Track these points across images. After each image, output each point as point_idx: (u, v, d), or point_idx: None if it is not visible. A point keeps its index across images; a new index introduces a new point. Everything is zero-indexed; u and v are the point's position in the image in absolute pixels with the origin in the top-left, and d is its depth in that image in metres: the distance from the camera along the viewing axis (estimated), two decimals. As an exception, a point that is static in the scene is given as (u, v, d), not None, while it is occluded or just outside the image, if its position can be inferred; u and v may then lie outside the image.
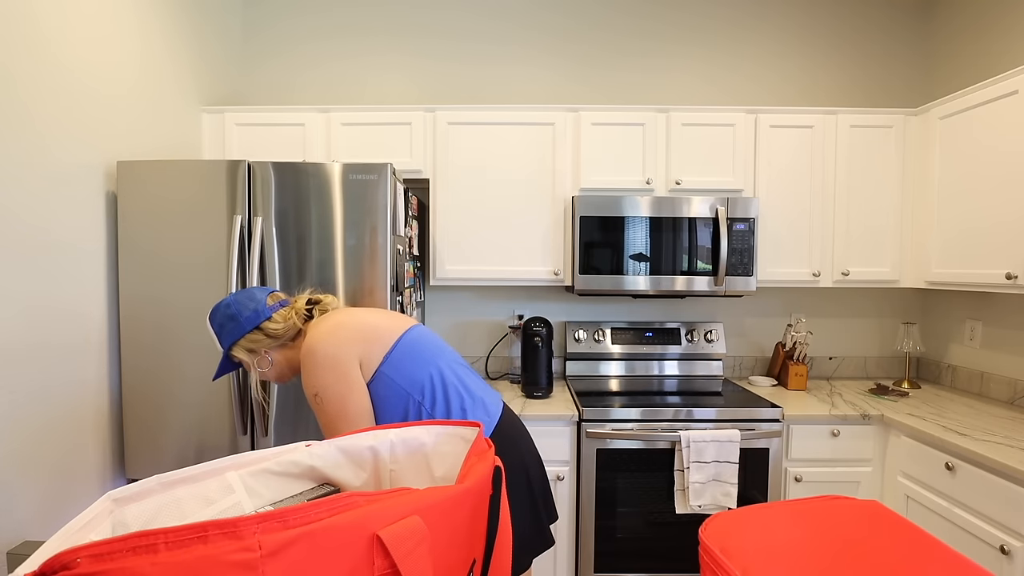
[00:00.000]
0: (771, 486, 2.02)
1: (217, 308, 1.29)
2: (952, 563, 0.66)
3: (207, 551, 0.40)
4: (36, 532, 1.52)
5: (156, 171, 1.78)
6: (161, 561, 0.39)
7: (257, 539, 0.41)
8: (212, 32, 2.40)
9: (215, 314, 1.29)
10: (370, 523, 0.48)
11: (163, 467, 1.81)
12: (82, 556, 0.38)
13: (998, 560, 1.55)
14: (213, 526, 0.41)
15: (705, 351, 2.55)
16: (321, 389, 1.18)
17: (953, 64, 2.52)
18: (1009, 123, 1.89)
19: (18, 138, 1.46)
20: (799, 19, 2.67)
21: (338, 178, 1.78)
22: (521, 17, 2.66)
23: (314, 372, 1.18)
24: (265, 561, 0.41)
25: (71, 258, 1.64)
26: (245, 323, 1.27)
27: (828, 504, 0.83)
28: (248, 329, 1.27)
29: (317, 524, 0.45)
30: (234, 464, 0.61)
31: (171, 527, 0.40)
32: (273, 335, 1.29)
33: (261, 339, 1.28)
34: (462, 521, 0.59)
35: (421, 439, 0.74)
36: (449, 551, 0.56)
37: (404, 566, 0.48)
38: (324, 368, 1.18)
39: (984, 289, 2.00)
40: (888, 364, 2.70)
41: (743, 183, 2.33)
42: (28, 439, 1.50)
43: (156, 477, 0.55)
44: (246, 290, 1.33)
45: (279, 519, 0.43)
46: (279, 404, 1.81)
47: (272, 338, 1.29)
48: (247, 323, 1.27)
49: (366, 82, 2.66)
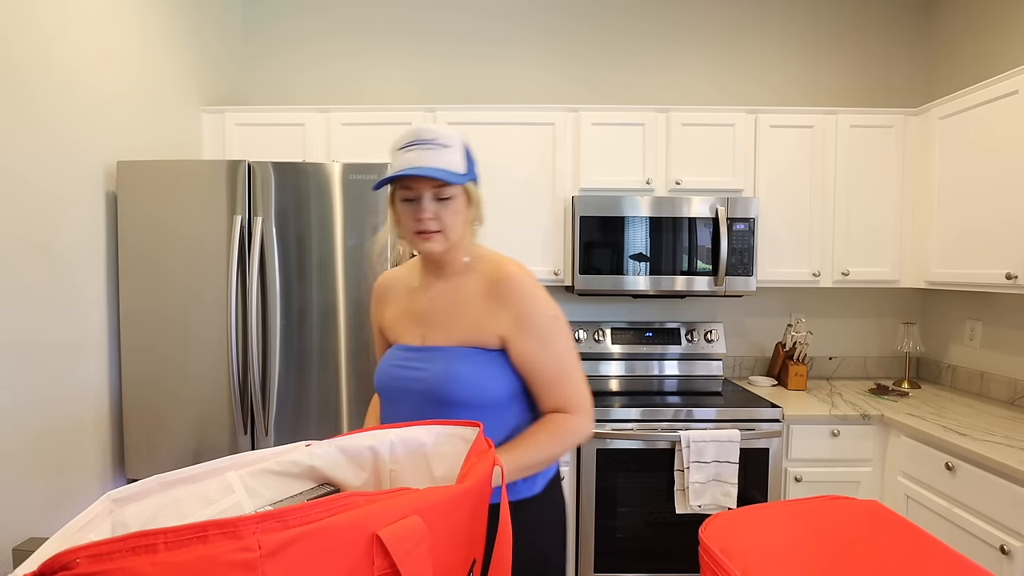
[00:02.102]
0: (771, 486, 2.02)
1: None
2: (952, 563, 0.66)
3: (207, 551, 0.40)
4: (39, 530, 1.52)
5: (156, 171, 1.78)
6: (161, 561, 0.39)
7: (257, 539, 0.41)
8: (212, 32, 2.40)
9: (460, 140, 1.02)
10: (370, 523, 0.48)
11: (163, 467, 1.81)
12: (81, 556, 0.38)
13: (998, 560, 1.55)
14: (213, 526, 0.41)
15: (705, 351, 2.55)
16: (557, 313, 1.03)
17: (953, 64, 2.52)
18: (1009, 123, 1.89)
19: (18, 138, 1.46)
20: (799, 19, 2.67)
21: (338, 178, 1.78)
22: (521, 18, 2.66)
23: (544, 298, 1.02)
24: (265, 561, 0.41)
25: (71, 258, 1.64)
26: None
27: (828, 504, 0.83)
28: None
29: (317, 524, 0.45)
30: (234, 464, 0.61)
31: (171, 527, 0.40)
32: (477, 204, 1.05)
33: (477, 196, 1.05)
34: (462, 521, 0.59)
35: (421, 439, 0.74)
36: (449, 551, 0.56)
37: (404, 566, 0.48)
38: (550, 302, 1.03)
39: (984, 289, 2.00)
40: (888, 364, 2.70)
41: (743, 183, 2.33)
42: (29, 438, 1.50)
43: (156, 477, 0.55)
44: None
45: (279, 519, 0.43)
46: (279, 404, 1.81)
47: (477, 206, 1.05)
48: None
49: (366, 82, 2.66)
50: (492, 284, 1.03)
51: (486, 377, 1.00)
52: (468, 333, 1.02)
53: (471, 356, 1.00)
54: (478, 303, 1.03)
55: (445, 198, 0.99)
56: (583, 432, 1.02)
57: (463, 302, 1.04)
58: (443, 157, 0.97)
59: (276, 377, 1.80)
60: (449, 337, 1.03)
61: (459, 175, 0.98)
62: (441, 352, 1.01)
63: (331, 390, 1.81)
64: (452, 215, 1.00)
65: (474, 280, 1.05)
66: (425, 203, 0.98)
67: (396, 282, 1.17)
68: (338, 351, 1.80)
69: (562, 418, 1.01)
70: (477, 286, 1.04)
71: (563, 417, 1.01)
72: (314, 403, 1.81)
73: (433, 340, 1.04)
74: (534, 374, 1.01)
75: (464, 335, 1.02)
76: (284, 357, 1.80)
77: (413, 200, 0.99)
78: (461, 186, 1.00)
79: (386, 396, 1.06)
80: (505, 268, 1.03)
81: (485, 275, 1.04)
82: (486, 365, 1.00)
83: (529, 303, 1.00)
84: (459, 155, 0.99)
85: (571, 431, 1.00)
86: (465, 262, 1.07)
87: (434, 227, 0.99)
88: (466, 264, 1.07)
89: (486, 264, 1.06)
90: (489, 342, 1.01)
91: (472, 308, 1.03)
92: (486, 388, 0.99)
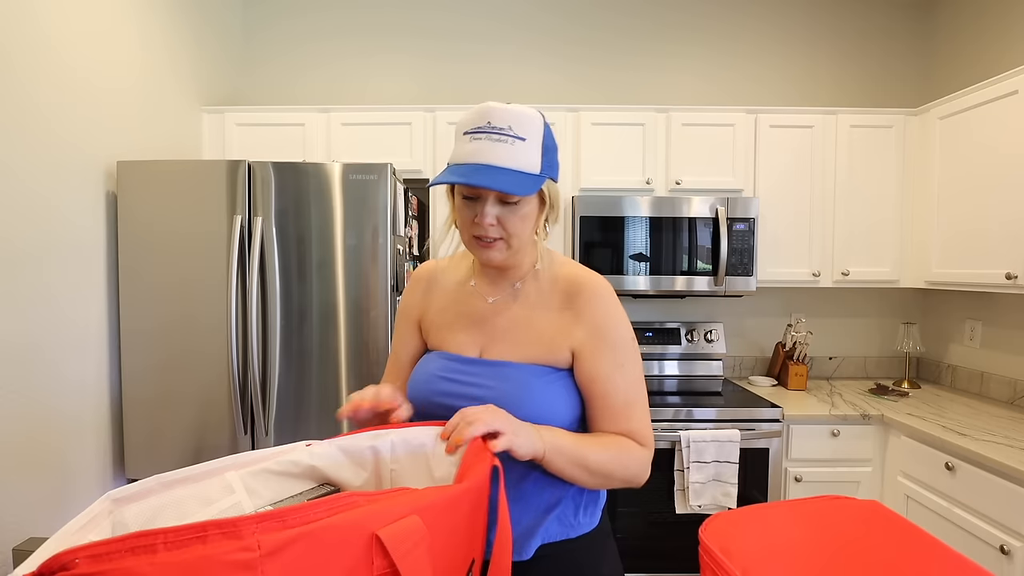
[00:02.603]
0: (771, 486, 2.02)
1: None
2: (952, 563, 0.66)
3: (206, 551, 0.40)
4: (39, 530, 1.52)
5: (156, 171, 1.78)
6: (160, 561, 0.39)
7: (256, 539, 0.41)
8: (212, 32, 2.40)
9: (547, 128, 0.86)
10: (369, 523, 0.48)
11: (163, 467, 1.81)
12: (80, 557, 0.38)
13: (998, 560, 1.55)
14: (212, 526, 0.41)
15: (705, 351, 2.55)
16: (634, 337, 0.91)
17: (953, 64, 2.52)
18: (1009, 123, 1.89)
19: (18, 138, 1.46)
20: (799, 18, 2.67)
21: (338, 178, 1.78)
22: (521, 18, 2.66)
23: (624, 317, 0.90)
24: (264, 561, 0.41)
25: (71, 258, 1.64)
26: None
27: (828, 504, 0.83)
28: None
29: (316, 524, 0.45)
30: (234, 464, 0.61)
31: (170, 527, 0.40)
32: (559, 205, 0.90)
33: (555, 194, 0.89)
34: (461, 521, 0.59)
35: (421, 439, 0.74)
36: (448, 551, 0.56)
37: (403, 566, 0.48)
38: (628, 322, 0.91)
39: (984, 289, 2.00)
40: (888, 364, 2.70)
41: (743, 183, 2.33)
42: (29, 438, 1.50)
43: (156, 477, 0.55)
44: None
45: (278, 519, 0.43)
46: (279, 404, 1.81)
47: (555, 208, 0.89)
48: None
49: (366, 82, 2.66)
50: (568, 294, 0.89)
51: (559, 401, 0.86)
52: (540, 351, 0.88)
53: (543, 376, 0.87)
54: (551, 315, 0.89)
55: (512, 202, 0.83)
56: (644, 466, 0.87)
57: (534, 314, 0.90)
58: (515, 154, 0.80)
59: (276, 377, 1.80)
60: (517, 353, 0.88)
61: (532, 179, 0.81)
62: (510, 369, 0.87)
63: (331, 390, 1.81)
64: (519, 221, 0.84)
65: (546, 288, 0.91)
66: (487, 207, 0.82)
67: (445, 276, 1.00)
68: (338, 351, 1.80)
69: (630, 442, 0.86)
70: (550, 295, 0.90)
71: (631, 442, 0.86)
72: (314, 403, 1.81)
73: (495, 353, 0.89)
74: (600, 398, 0.87)
75: (536, 353, 0.88)
76: (284, 357, 1.80)
77: (474, 199, 0.84)
78: (541, 188, 0.84)
79: (427, 411, 0.88)
80: (584, 277, 0.90)
81: (559, 283, 0.90)
82: (557, 386, 0.87)
83: (608, 318, 0.87)
84: (535, 149, 0.81)
85: (635, 459, 0.86)
86: (536, 269, 0.92)
87: (495, 234, 0.84)
88: (536, 271, 0.92)
89: (560, 270, 0.92)
90: (561, 360, 0.88)
91: (545, 321, 0.89)
92: (557, 413, 0.86)
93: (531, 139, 0.81)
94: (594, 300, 0.88)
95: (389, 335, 1.81)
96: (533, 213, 0.86)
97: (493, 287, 0.94)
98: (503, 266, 0.91)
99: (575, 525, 0.90)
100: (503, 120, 0.80)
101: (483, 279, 0.96)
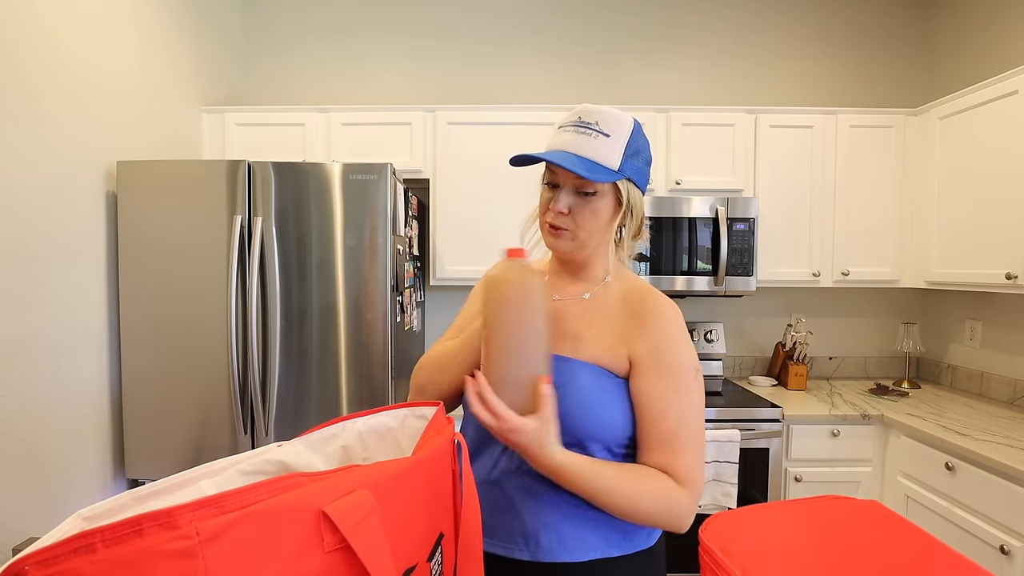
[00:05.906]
0: (771, 486, 2.02)
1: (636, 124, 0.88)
2: (952, 563, 0.66)
3: (144, 543, 0.40)
4: (39, 530, 1.52)
5: (156, 171, 1.78)
6: (99, 559, 0.39)
7: (194, 526, 0.41)
8: (212, 32, 2.40)
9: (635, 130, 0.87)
10: (315, 500, 0.48)
11: (163, 467, 1.82)
12: (29, 564, 0.39)
13: (998, 560, 1.55)
14: (148, 518, 0.41)
15: (705, 351, 2.55)
16: (699, 368, 0.89)
17: (953, 63, 2.52)
18: (1009, 123, 1.89)
19: (18, 138, 1.46)
20: (799, 19, 2.67)
21: (338, 178, 1.78)
22: (521, 18, 2.66)
23: (689, 343, 0.88)
24: (204, 547, 0.41)
25: (71, 258, 1.64)
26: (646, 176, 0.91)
27: (828, 504, 0.83)
28: (645, 184, 0.91)
29: (257, 506, 0.44)
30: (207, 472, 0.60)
31: (107, 524, 0.40)
32: (637, 213, 0.91)
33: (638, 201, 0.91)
34: (418, 493, 0.59)
35: (387, 423, 0.74)
36: (405, 524, 0.56)
37: (353, 538, 0.48)
38: (694, 352, 0.89)
39: (984, 289, 2.00)
40: (888, 364, 2.70)
41: (743, 183, 2.33)
42: (29, 438, 1.50)
43: (128, 492, 0.54)
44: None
45: (216, 504, 0.43)
46: (279, 404, 1.81)
47: (633, 215, 0.90)
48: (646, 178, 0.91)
49: (366, 82, 2.66)
50: (634, 305, 0.88)
51: (616, 406, 0.84)
52: (600, 351, 0.86)
53: (602, 376, 0.85)
54: (615, 321, 0.88)
55: (588, 193, 0.85)
56: (681, 509, 0.80)
57: (598, 315, 0.89)
58: (596, 147, 0.83)
59: (276, 377, 1.80)
60: (578, 349, 0.87)
61: (604, 170, 0.83)
62: (572, 365, 0.85)
63: (331, 390, 1.81)
64: (589, 215, 0.86)
65: (614, 297, 0.90)
66: (561, 194, 0.85)
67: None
68: (338, 351, 1.80)
69: (666, 479, 0.81)
70: (616, 303, 0.90)
71: (667, 479, 0.81)
72: (314, 403, 1.81)
73: (556, 348, 0.87)
74: (650, 420, 0.83)
75: (596, 352, 0.86)
76: (284, 357, 1.80)
77: (555, 186, 0.87)
78: (611, 184, 0.85)
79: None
80: (654, 292, 0.89)
81: (628, 295, 0.90)
82: (614, 392, 0.84)
83: (669, 338, 0.85)
84: (617, 148, 0.84)
85: (668, 500, 0.79)
86: (606, 281, 0.92)
87: (562, 223, 0.86)
88: (606, 283, 0.92)
89: (631, 285, 0.91)
90: (619, 366, 0.85)
91: (607, 324, 0.88)
92: (612, 417, 0.83)
93: (616, 137, 0.84)
94: (658, 316, 0.86)
95: (389, 335, 1.81)
96: (606, 211, 0.87)
97: (564, 285, 0.95)
98: (570, 260, 0.93)
99: (632, 542, 0.88)
100: (592, 117, 0.85)
101: (557, 277, 0.97)
